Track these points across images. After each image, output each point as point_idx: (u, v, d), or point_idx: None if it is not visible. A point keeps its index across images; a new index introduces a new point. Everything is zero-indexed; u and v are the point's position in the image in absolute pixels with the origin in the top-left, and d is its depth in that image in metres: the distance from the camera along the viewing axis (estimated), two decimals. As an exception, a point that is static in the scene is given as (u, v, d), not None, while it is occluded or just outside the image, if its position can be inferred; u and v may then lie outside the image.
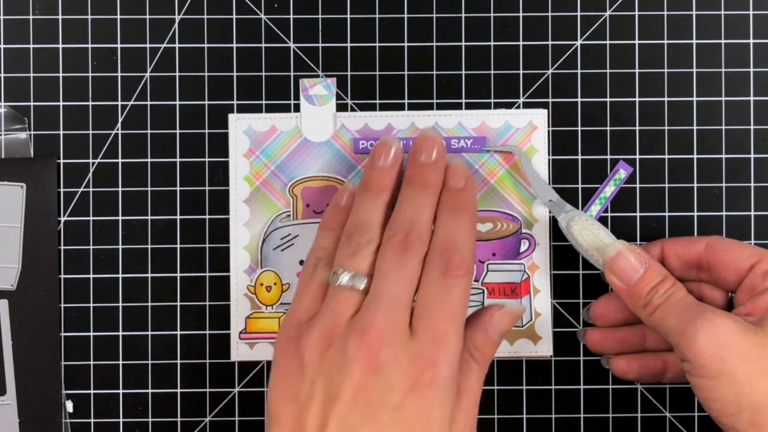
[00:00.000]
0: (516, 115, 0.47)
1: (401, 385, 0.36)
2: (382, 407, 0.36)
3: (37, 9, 0.47)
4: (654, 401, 0.47)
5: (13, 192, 0.47)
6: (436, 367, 0.36)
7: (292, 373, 0.38)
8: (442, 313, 0.37)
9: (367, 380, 0.36)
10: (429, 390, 0.36)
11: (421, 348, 0.37)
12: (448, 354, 0.37)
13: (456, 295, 0.38)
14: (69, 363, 0.47)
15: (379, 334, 0.36)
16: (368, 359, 0.36)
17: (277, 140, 0.47)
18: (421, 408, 0.36)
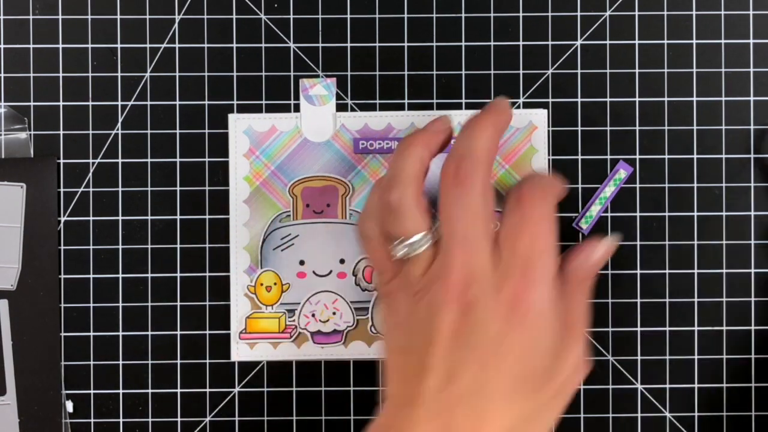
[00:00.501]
0: (516, 115, 0.47)
1: (495, 318, 0.35)
2: (481, 343, 0.35)
3: (37, 9, 0.47)
4: (654, 401, 0.47)
5: (13, 192, 0.47)
6: (526, 291, 0.36)
7: (394, 327, 0.39)
8: (522, 236, 0.36)
9: (460, 320, 0.36)
10: (525, 318, 0.35)
11: (507, 276, 0.36)
12: (538, 276, 0.36)
13: (536, 213, 0.37)
14: (69, 363, 0.47)
15: (460, 275, 0.36)
16: (456, 301, 0.36)
17: (277, 140, 0.47)
18: (521, 337, 0.36)
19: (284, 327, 0.47)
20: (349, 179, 0.47)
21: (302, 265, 0.47)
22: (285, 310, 0.47)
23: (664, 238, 0.47)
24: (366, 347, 0.47)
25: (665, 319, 0.47)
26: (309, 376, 0.47)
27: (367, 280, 0.47)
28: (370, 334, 0.47)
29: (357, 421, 0.47)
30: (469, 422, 0.35)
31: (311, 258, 0.47)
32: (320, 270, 0.47)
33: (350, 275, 0.47)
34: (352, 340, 0.47)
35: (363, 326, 0.47)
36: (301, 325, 0.47)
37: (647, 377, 0.47)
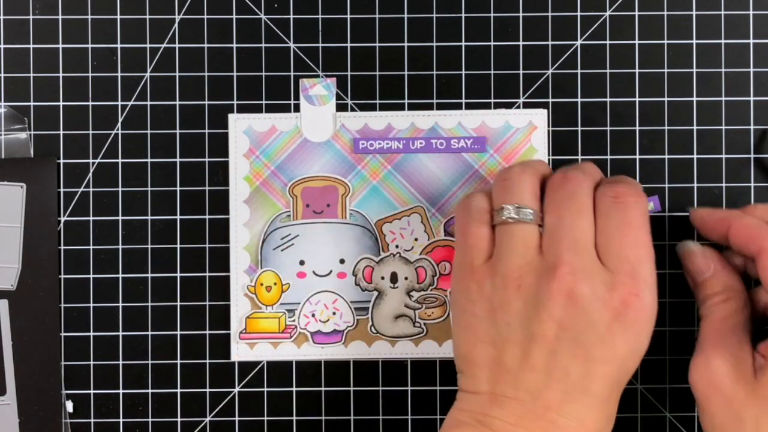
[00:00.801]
0: (516, 115, 0.47)
1: (604, 317, 0.36)
2: (588, 341, 0.36)
3: (37, 9, 0.47)
4: (654, 401, 0.47)
5: (13, 192, 0.47)
6: (638, 297, 0.36)
7: (483, 317, 0.38)
8: (627, 239, 0.37)
9: (568, 315, 0.36)
10: (636, 322, 0.36)
11: (618, 279, 0.36)
12: (647, 282, 0.37)
13: (635, 215, 0.38)
14: (69, 363, 0.47)
15: (571, 268, 0.36)
16: (565, 294, 0.36)
17: (277, 140, 0.47)
18: (629, 338, 0.36)
19: (284, 327, 0.47)
20: (349, 179, 0.47)
21: (302, 265, 0.47)
22: (285, 310, 0.47)
23: (664, 238, 0.47)
24: (366, 347, 0.47)
25: (665, 319, 0.47)
26: (309, 376, 0.47)
27: (367, 280, 0.47)
28: (370, 334, 0.47)
29: (357, 421, 0.47)
30: (572, 423, 0.36)
31: (311, 258, 0.47)
32: (320, 270, 0.47)
33: (350, 275, 0.47)
34: (352, 340, 0.47)
35: (363, 326, 0.47)
36: (301, 325, 0.47)
37: (647, 377, 0.47)
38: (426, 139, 0.47)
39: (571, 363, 0.36)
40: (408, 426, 0.47)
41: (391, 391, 0.47)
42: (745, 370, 0.38)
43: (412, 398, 0.47)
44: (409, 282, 0.47)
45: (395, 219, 0.47)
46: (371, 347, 0.47)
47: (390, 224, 0.47)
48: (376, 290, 0.47)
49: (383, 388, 0.47)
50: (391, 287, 0.47)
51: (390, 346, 0.47)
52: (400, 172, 0.47)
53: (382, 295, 0.47)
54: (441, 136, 0.47)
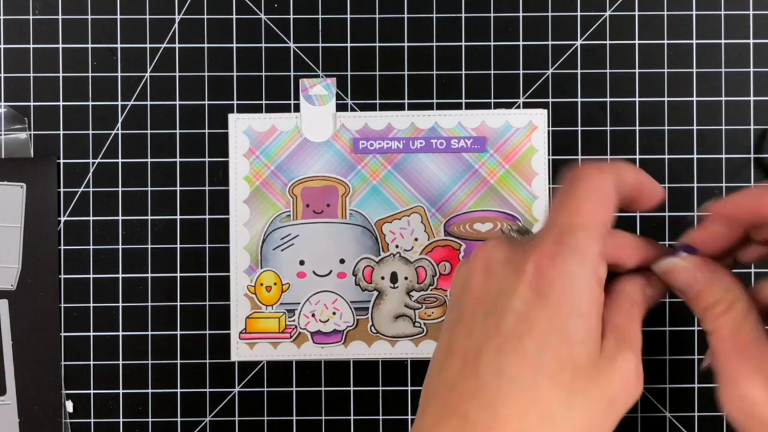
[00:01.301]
0: (516, 115, 0.47)
1: (516, 287, 0.31)
2: (500, 313, 0.31)
3: (37, 9, 0.47)
4: (654, 401, 0.47)
5: (13, 192, 0.47)
6: (552, 259, 0.30)
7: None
8: (563, 206, 0.32)
9: (483, 286, 0.32)
10: (549, 293, 0.30)
11: (538, 243, 0.31)
12: (570, 250, 0.31)
13: (584, 185, 0.32)
14: (69, 363, 0.47)
15: (498, 240, 0.33)
16: (482, 263, 0.32)
17: (277, 140, 0.47)
18: (544, 315, 0.30)
19: (284, 327, 0.47)
20: (349, 179, 0.47)
21: (302, 265, 0.47)
22: (285, 310, 0.47)
23: (664, 238, 0.47)
24: (366, 347, 0.47)
25: (665, 319, 0.47)
26: (309, 376, 0.47)
27: (367, 280, 0.47)
28: (370, 334, 0.47)
29: (357, 421, 0.47)
30: (485, 416, 0.30)
31: (311, 258, 0.47)
32: (320, 270, 0.47)
33: (350, 275, 0.47)
34: (352, 340, 0.47)
35: (363, 326, 0.47)
36: (301, 325, 0.47)
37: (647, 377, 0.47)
38: (426, 139, 0.47)
39: (484, 340, 0.31)
40: (408, 426, 0.47)
41: (391, 391, 0.47)
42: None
43: (412, 398, 0.47)
44: (409, 282, 0.47)
45: (395, 219, 0.47)
46: (371, 347, 0.47)
47: (390, 224, 0.47)
48: (376, 290, 0.47)
49: (383, 388, 0.47)
50: (391, 287, 0.47)
51: (390, 346, 0.47)
52: (400, 172, 0.47)
53: (382, 295, 0.47)
54: (441, 136, 0.47)
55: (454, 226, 0.47)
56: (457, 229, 0.47)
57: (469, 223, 0.47)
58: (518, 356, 0.30)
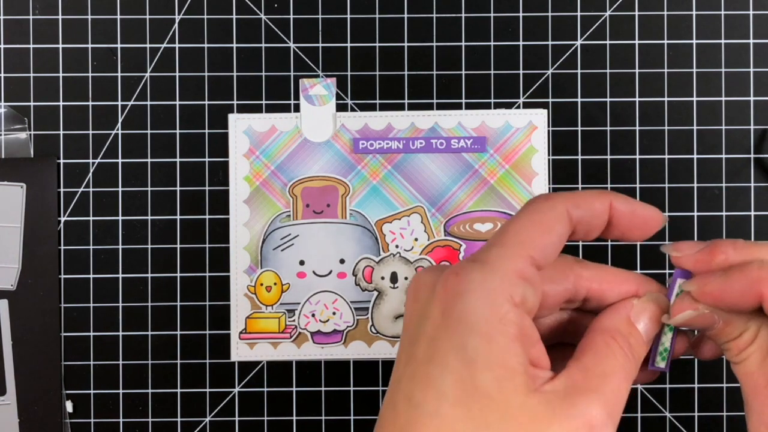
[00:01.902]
0: (516, 115, 0.47)
1: (430, 311, 0.28)
2: (419, 339, 0.28)
3: (37, 9, 0.47)
4: (654, 401, 0.47)
5: (13, 192, 0.47)
6: (457, 274, 0.27)
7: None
8: (499, 230, 0.29)
9: (411, 310, 0.29)
10: (451, 301, 0.27)
11: (459, 263, 0.28)
12: (483, 262, 0.28)
13: (527, 207, 0.30)
14: (69, 363, 0.47)
15: (427, 267, 0.32)
16: (414, 288, 0.29)
17: (277, 140, 0.47)
18: (448, 329, 0.27)
19: (284, 327, 0.47)
20: (349, 179, 0.47)
21: (302, 265, 0.47)
22: (285, 310, 0.47)
23: (664, 238, 0.47)
24: (366, 347, 0.47)
25: (665, 319, 0.47)
26: (309, 376, 0.47)
27: (367, 280, 0.47)
28: (370, 334, 0.47)
29: (357, 421, 0.47)
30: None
31: (311, 258, 0.47)
32: (320, 270, 0.47)
33: (350, 275, 0.47)
34: (352, 340, 0.47)
35: (363, 326, 0.47)
36: (301, 325, 0.47)
37: (647, 377, 0.47)
38: (426, 139, 0.47)
39: (405, 368, 0.28)
40: (408, 426, 0.47)
41: (391, 391, 0.47)
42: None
43: (412, 398, 0.47)
44: (409, 282, 0.47)
45: (395, 219, 0.47)
46: (371, 347, 0.47)
47: (390, 224, 0.47)
48: (376, 290, 0.47)
49: (383, 388, 0.47)
50: (391, 287, 0.47)
51: (390, 346, 0.47)
52: (400, 172, 0.47)
53: (382, 295, 0.47)
54: (441, 136, 0.47)
55: (454, 226, 0.47)
56: (457, 229, 0.47)
57: (469, 223, 0.47)
58: (424, 381, 0.27)
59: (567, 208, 0.29)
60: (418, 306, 0.29)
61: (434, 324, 0.28)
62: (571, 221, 0.29)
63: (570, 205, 0.29)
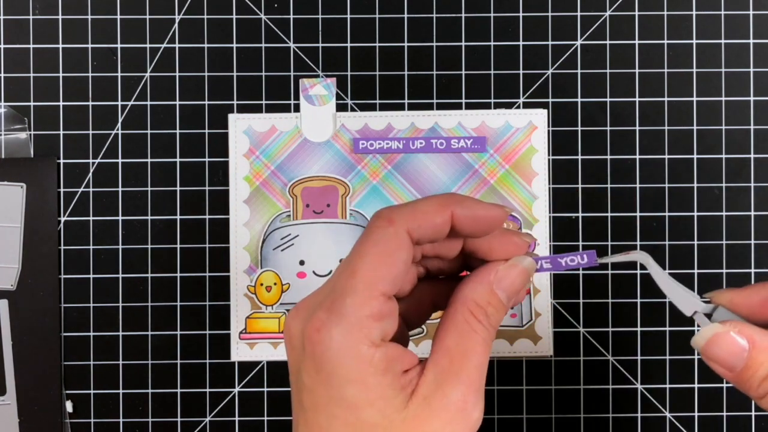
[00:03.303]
0: (516, 115, 0.47)
1: (303, 363, 0.30)
2: (301, 390, 0.30)
3: (37, 9, 0.47)
4: (654, 401, 0.47)
5: (13, 192, 0.47)
6: (318, 331, 0.29)
7: None
8: (342, 266, 0.31)
9: (290, 360, 0.31)
10: (323, 364, 0.29)
11: (313, 312, 0.30)
12: (340, 314, 0.29)
13: (366, 238, 0.30)
14: (69, 363, 0.47)
15: (292, 312, 0.31)
16: (287, 337, 0.31)
17: (277, 140, 0.47)
18: (317, 381, 0.30)
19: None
20: (349, 179, 0.47)
21: (302, 265, 0.47)
22: (285, 310, 0.47)
23: (664, 238, 0.47)
24: (366, 347, 0.47)
25: (665, 319, 0.47)
26: (309, 376, 0.47)
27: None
28: (370, 334, 0.47)
29: (357, 421, 0.47)
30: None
31: (311, 258, 0.47)
32: (320, 270, 0.47)
33: (350, 275, 0.47)
34: (352, 340, 0.47)
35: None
36: (301, 325, 0.47)
37: (647, 377, 0.47)
38: (426, 139, 0.47)
39: (297, 415, 0.31)
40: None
41: (391, 391, 0.47)
42: None
43: (412, 398, 0.47)
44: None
45: (395, 219, 0.47)
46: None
47: (390, 224, 0.47)
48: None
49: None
50: (391, 287, 0.47)
51: (390, 346, 0.47)
52: (400, 172, 0.47)
53: (382, 295, 0.47)
54: (441, 136, 0.47)
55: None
56: None
57: (469, 223, 0.47)
58: (316, 428, 0.30)
59: (408, 231, 0.30)
60: (295, 356, 0.31)
61: (310, 377, 0.30)
62: (414, 241, 0.30)
63: (411, 227, 0.30)
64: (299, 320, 0.31)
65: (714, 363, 0.32)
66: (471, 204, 0.31)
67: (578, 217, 0.47)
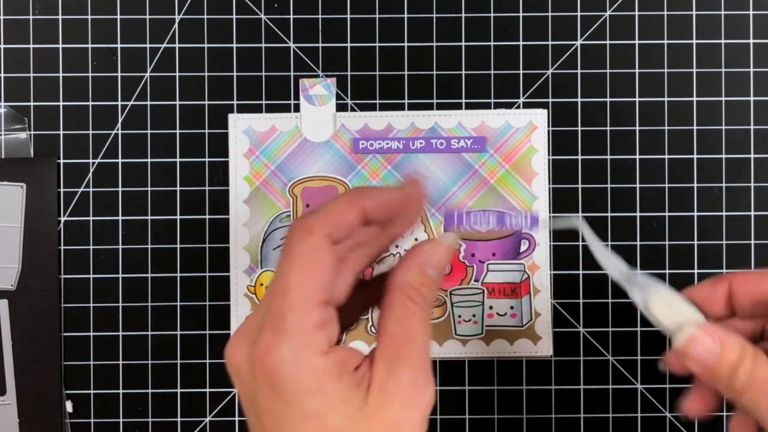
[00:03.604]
0: (516, 115, 0.47)
1: (257, 386, 0.31)
2: (260, 413, 0.31)
3: (37, 9, 0.47)
4: (654, 401, 0.47)
5: (13, 192, 0.47)
6: (268, 352, 0.30)
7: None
8: (276, 283, 0.31)
9: (241, 388, 0.32)
10: (270, 378, 0.30)
11: (261, 333, 0.31)
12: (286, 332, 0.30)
13: (292, 250, 0.31)
14: (69, 363, 0.47)
15: (232, 340, 0.32)
16: (233, 366, 0.32)
17: (277, 140, 0.47)
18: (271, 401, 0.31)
19: (284, 327, 0.47)
20: (349, 179, 0.47)
21: (302, 265, 0.47)
22: (285, 310, 0.47)
23: (664, 238, 0.47)
24: (366, 347, 0.47)
25: (665, 319, 0.47)
26: (309, 376, 0.47)
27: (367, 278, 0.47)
28: (369, 334, 0.47)
29: (357, 421, 0.47)
30: None
31: (311, 258, 0.47)
32: (320, 270, 0.47)
33: (350, 275, 0.47)
34: (352, 339, 0.47)
35: (363, 326, 0.47)
36: (301, 325, 0.47)
37: (647, 377, 0.47)
38: (426, 139, 0.47)
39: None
40: (408, 426, 0.47)
41: (391, 391, 0.47)
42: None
43: (412, 398, 0.47)
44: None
45: (395, 219, 0.47)
46: (371, 346, 0.47)
47: (390, 224, 0.47)
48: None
49: None
50: (391, 287, 0.47)
51: (390, 346, 0.47)
52: (400, 172, 0.47)
53: (382, 295, 0.47)
54: (441, 136, 0.47)
55: (454, 226, 0.47)
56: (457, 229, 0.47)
57: (469, 223, 0.47)
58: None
59: (327, 235, 0.31)
60: (245, 384, 0.31)
61: (267, 398, 0.30)
62: (334, 241, 0.31)
63: (329, 230, 0.31)
64: (242, 348, 0.31)
65: (692, 361, 0.36)
66: (377, 194, 0.33)
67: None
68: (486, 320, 0.47)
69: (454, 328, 0.47)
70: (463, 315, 0.47)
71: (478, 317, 0.47)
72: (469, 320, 0.47)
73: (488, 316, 0.47)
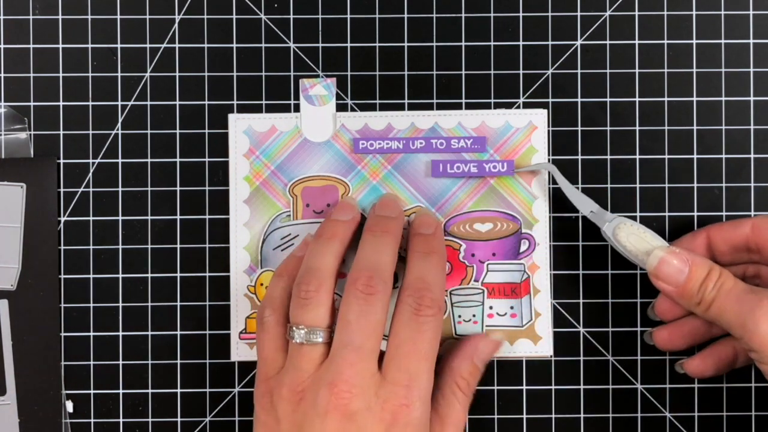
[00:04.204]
0: (516, 115, 0.47)
1: (376, 429, 0.37)
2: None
3: (37, 9, 0.47)
4: (654, 401, 0.47)
5: (13, 192, 0.47)
6: (408, 408, 0.38)
7: (271, 426, 0.39)
8: (413, 353, 0.39)
9: (343, 430, 0.37)
10: (403, 430, 0.38)
11: (392, 390, 0.38)
12: (420, 393, 0.38)
13: (428, 334, 0.39)
14: (69, 363, 0.47)
15: (349, 385, 0.37)
16: (341, 410, 0.37)
17: (277, 140, 0.47)
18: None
19: (284, 327, 0.47)
20: (349, 179, 0.47)
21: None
22: (285, 310, 0.47)
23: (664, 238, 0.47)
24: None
25: (665, 319, 0.47)
26: (309, 376, 0.47)
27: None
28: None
29: (357, 421, 0.47)
30: None
31: (311, 258, 0.47)
32: (320, 270, 0.47)
33: (350, 275, 0.47)
34: (352, 340, 0.47)
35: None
36: (301, 325, 0.47)
37: (647, 377, 0.47)
38: (426, 139, 0.47)
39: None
40: (408, 426, 0.47)
41: (391, 391, 0.47)
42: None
43: (412, 398, 0.47)
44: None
45: (395, 219, 0.47)
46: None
47: (390, 224, 0.47)
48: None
49: None
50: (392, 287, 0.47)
51: (390, 346, 0.47)
52: (400, 172, 0.47)
53: (382, 295, 0.47)
54: (441, 136, 0.47)
55: (454, 226, 0.47)
56: (457, 229, 0.47)
57: (469, 223, 0.47)
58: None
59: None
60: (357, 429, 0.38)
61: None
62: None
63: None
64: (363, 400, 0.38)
65: (662, 282, 0.41)
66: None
67: (578, 217, 0.47)
68: (486, 320, 0.47)
69: (454, 329, 0.47)
70: (463, 315, 0.47)
71: (478, 317, 0.47)
72: (469, 320, 0.47)
73: (488, 316, 0.47)
